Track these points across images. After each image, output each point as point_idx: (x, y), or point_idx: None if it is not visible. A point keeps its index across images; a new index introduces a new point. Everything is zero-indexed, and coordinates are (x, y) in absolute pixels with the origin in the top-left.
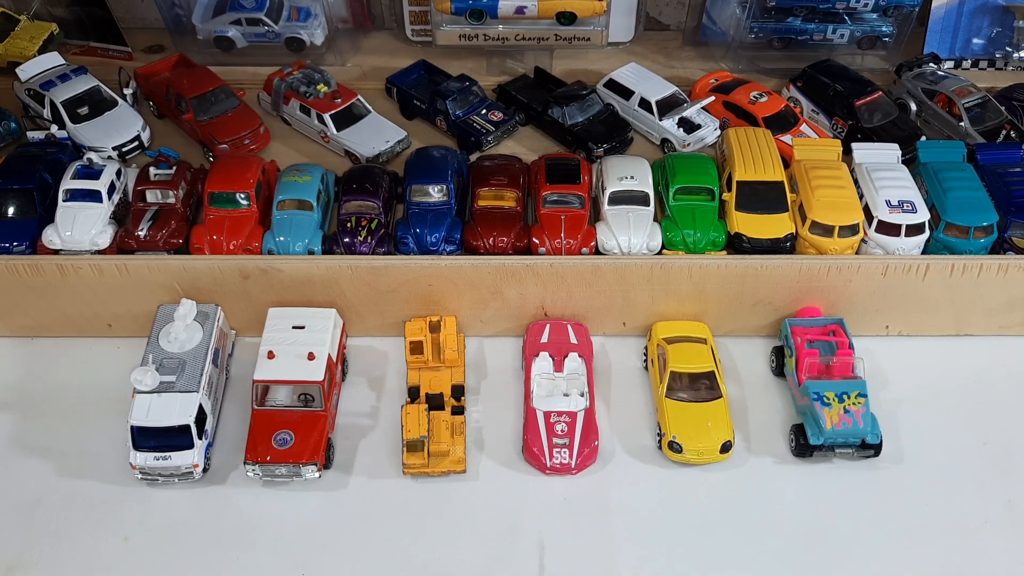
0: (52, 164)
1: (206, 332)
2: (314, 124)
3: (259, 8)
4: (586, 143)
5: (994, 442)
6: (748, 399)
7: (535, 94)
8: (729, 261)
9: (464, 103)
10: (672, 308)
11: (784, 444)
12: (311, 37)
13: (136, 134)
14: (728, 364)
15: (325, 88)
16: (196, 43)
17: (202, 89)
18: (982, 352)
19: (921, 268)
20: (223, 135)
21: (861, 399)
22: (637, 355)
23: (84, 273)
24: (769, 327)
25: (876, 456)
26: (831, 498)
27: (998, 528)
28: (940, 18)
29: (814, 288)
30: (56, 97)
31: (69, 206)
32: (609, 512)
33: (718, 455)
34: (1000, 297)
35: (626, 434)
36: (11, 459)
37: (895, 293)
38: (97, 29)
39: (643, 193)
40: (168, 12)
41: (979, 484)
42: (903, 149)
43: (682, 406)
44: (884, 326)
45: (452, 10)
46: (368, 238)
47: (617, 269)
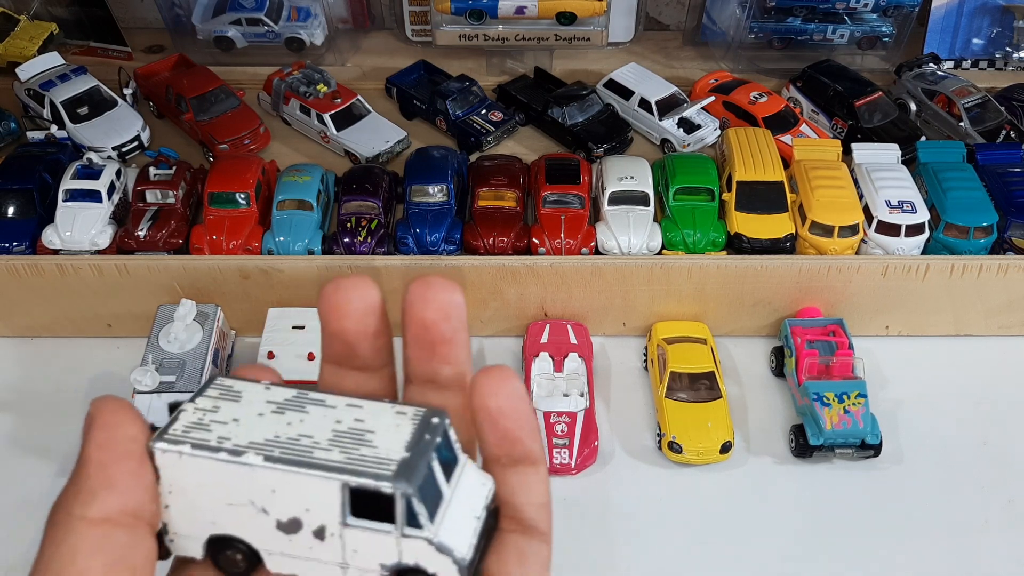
0: (52, 164)
1: (206, 332)
2: (314, 124)
3: (259, 8)
4: (586, 143)
5: (994, 442)
6: (748, 399)
7: (535, 94)
8: (729, 261)
9: (464, 103)
10: (672, 308)
11: (784, 444)
12: (311, 37)
13: (136, 134)
14: (728, 364)
15: (325, 88)
16: (196, 43)
17: (202, 89)
18: (982, 352)
19: (921, 268)
20: (223, 135)
21: (861, 399)
22: (637, 355)
23: (84, 273)
24: (769, 327)
25: (876, 456)
26: (831, 498)
27: (998, 528)
28: (940, 18)
29: (814, 288)
30: (56, 97)
31: (69, 206)
32: (609, 512)
33: (718, 455)
34: (1000, 297)
35: (626, 434)
36: (11, 459)
37: (895, 293)
38: (97, 29)
39: (643, 193)
40: (168, 12)
41: (979, 484)
42: (903, 149)
43: (682, 406)
44: (884, 326)
45: (452, 10)
46: (368, 238)
47: (617, 269)
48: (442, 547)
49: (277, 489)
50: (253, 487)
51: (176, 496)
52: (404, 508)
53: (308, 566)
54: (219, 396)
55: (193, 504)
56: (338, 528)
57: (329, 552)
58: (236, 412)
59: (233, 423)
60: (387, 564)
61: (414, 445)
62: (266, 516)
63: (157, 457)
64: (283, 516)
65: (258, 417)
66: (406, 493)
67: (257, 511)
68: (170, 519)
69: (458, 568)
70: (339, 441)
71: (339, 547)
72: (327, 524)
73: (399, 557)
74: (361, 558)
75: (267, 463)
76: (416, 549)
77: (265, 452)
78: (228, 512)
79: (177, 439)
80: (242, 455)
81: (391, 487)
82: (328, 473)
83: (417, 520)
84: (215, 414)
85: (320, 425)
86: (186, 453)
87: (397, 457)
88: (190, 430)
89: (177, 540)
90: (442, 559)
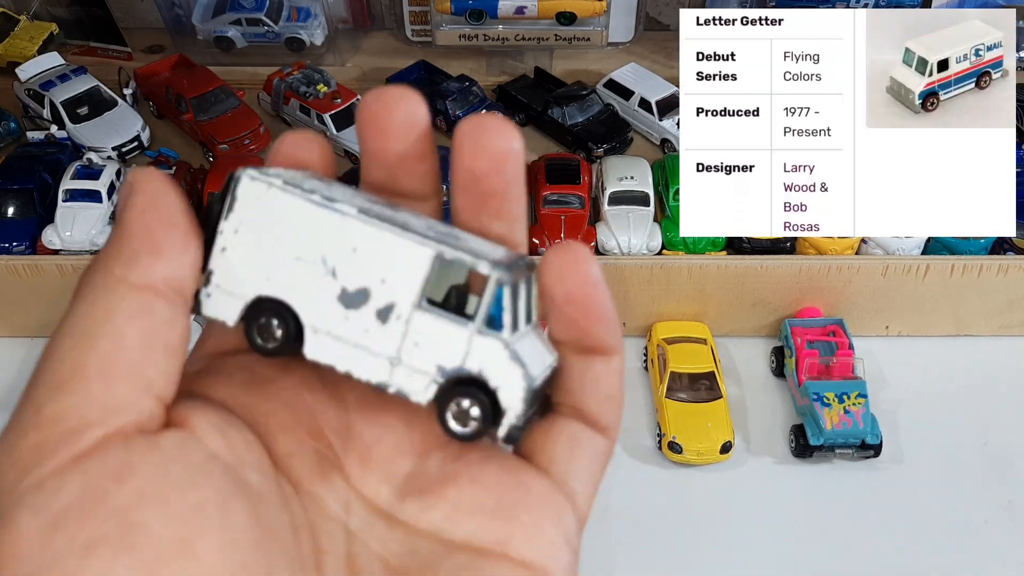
0: (52, 164)
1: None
2: (314, 124)
3: (259, 8)
4: (586, 143)
5: (994, 442)
6: (748, 399)
7: (535, 94)
8: (729, 261)
9: (464, 103)
10: (672, 308)
11: (784, 444)
12: (311, 37)
13: (136, 134)
14: (728, 364)
15: (325, 88)
16: (196, 43)
17: (202, 89)
18: (982, 352)
19: (921, 268)
20: (223, 135)
21: (861, 399)
22: (637, 355)
23: None
24: (769, 327)
25: (876, 456)
26: (831, 498)
27: (998, 528)
28: None
29: (814, 288)
30: (56, 97)
31: (69, 206)
32: (609, 512)
33: (718, 455)
34: (1000, 297)
35: (626, 434)
36: None
37: (895, 293)
38: (97, 29)
39: (643, 193)
40: (168, 12)
41: (979, 484)
42: None
43: (682, 406)
44: (884, 326)
45: (452, 10)
46: None
47: (617, 269)
48: (516, 356)
49: (360, 248)
50: (335, 240)
51: (241, 236)
52: (492, 298)
53: (353, 355)
54: (305, 176)
55: (256, 251)
56: (408, 310)
57: (385, 340)
58: (328, 187)
59: (327, 187)
60: (446, 368)
61: (511, 260)
62: (333, 280)
63: (241, 185)
64: (352, 284)
65: (352, 193)
66: (502, 280)
67: (326, 272)
68: (220, 266)
69: (526, 386)
70: (435, 231)
71: (399, 334)
72: (398, 303)
73: (463, 360)
74: (419, 354)
75: (361, 215)
76: (486, 353)
77: (361, 207)
78: (291, 268)
79: (268, 176)
80: (335, 203)
81: (489, 268)
82: (424, 239)
83: (500, 319)
84: (307, 181)
85: (414, 220)
86: (276, 186)
87: (496, 256)
88: (282, 176)
89: (215, 296)
90: (512, 371)
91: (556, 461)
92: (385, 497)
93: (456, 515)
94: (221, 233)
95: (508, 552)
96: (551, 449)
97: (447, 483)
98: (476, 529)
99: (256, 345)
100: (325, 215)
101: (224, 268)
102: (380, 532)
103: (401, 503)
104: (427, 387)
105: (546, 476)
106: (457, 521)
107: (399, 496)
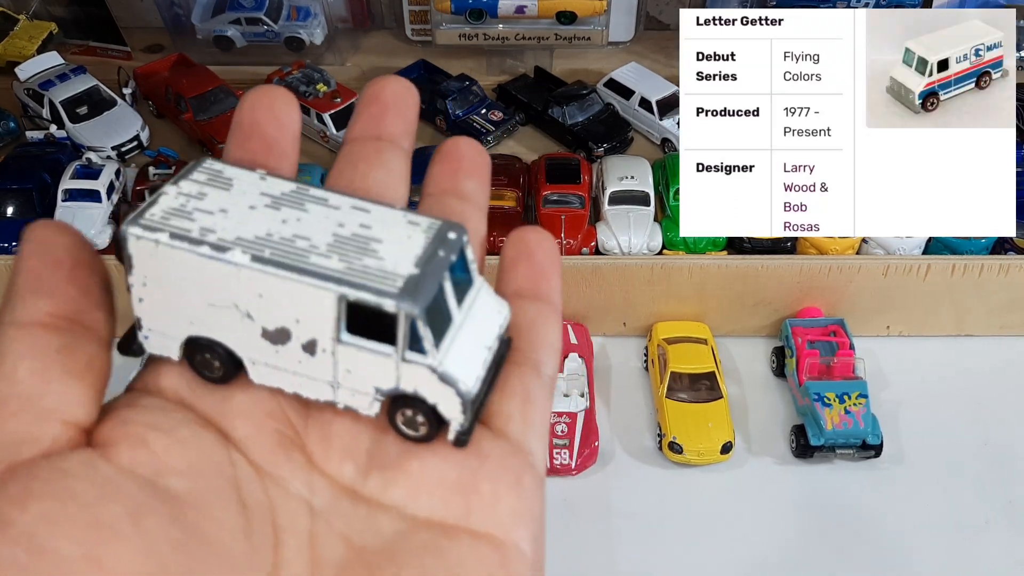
0: (51, 164)
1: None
2: (314, 124)
3: (259, 8)
4: (586, 143)
5: (995, 442)
6: (748, 399)
7: (535, 93)
8: (729, 261)
9: (464, 103)
10: (672, 308)
11: (785, 445)
12: (311, 37)
13: (135, 134)
14: (728, 364)
15: (325, 88)
16: (195, 43)
17: (201, 89)
18: (983, 352)
19: (922, 268)
20: (223, 135)
21: (862, 400)
22: (637, 355)
23: None
24: (769, 327)
25: (877, 457)
26: (832, 498)
27: (998, 528)
28: None
29: (815, 288)
30: (55, 97)
31: (68, 206)
32: (609, 512)
33: (718, 456)
34: (1001, 297)
35: (626, 434)
36: None
37: (896, 293)
38: (96, 29)
39: (643, 193)
40: (167, 12)
41: (979, 484)
42: None
43: (682, 407)
44: (885, 326)
45: (452, 9)
46: None
47: (617, 269)
48: (446, 377)
49: (264, 294)
50: (237, 289)
51: (151, 289)
52: (407, 330)
53: (295, 381)
54: (206, 181)
55: (169, 300)
56: (331, 344)
57: (319, 369)
58: (224, 201)
59: (220, 214)
60: (383, 389)
61: (425, 261)
62: (251, 322)
63: (130, 244)
64: (269, 324)
65: (249, 210)
66: (411, 314)
67: (241, 316)
68: (144, 313)
69: (461, 401)
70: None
71: (330, 365)
72: (318, 339)
73: (397, 383)
74: (354, 379)
75: (255, 263)
76: (417, 376)
77: (254, 251)
78: (208, 313)
79: (154, 225)
80: (227, 252)
81: (395, 305)
82: (323, 282)
83: (421, 345)
84: (200, 201)
85: (320, 227)
86: (163, 243)
87: (405, 272)
88: (170, 216)
89: (152, 337)
90: (444, 390)
91: (512, 419)
92: (349, 474)
93: (419, 491)
94: (132, 286)
95: (469, 525)
96: (507, 406)
97: (409, 456)
98: (438, 504)
99: (203, 376)
100: (218, 267)
101: (148, 315)
102: (345, 510)
103: (364, 480)
104: (371, 403)
105: (503, 438)
106: (419, 497)
107: (362, 472)
